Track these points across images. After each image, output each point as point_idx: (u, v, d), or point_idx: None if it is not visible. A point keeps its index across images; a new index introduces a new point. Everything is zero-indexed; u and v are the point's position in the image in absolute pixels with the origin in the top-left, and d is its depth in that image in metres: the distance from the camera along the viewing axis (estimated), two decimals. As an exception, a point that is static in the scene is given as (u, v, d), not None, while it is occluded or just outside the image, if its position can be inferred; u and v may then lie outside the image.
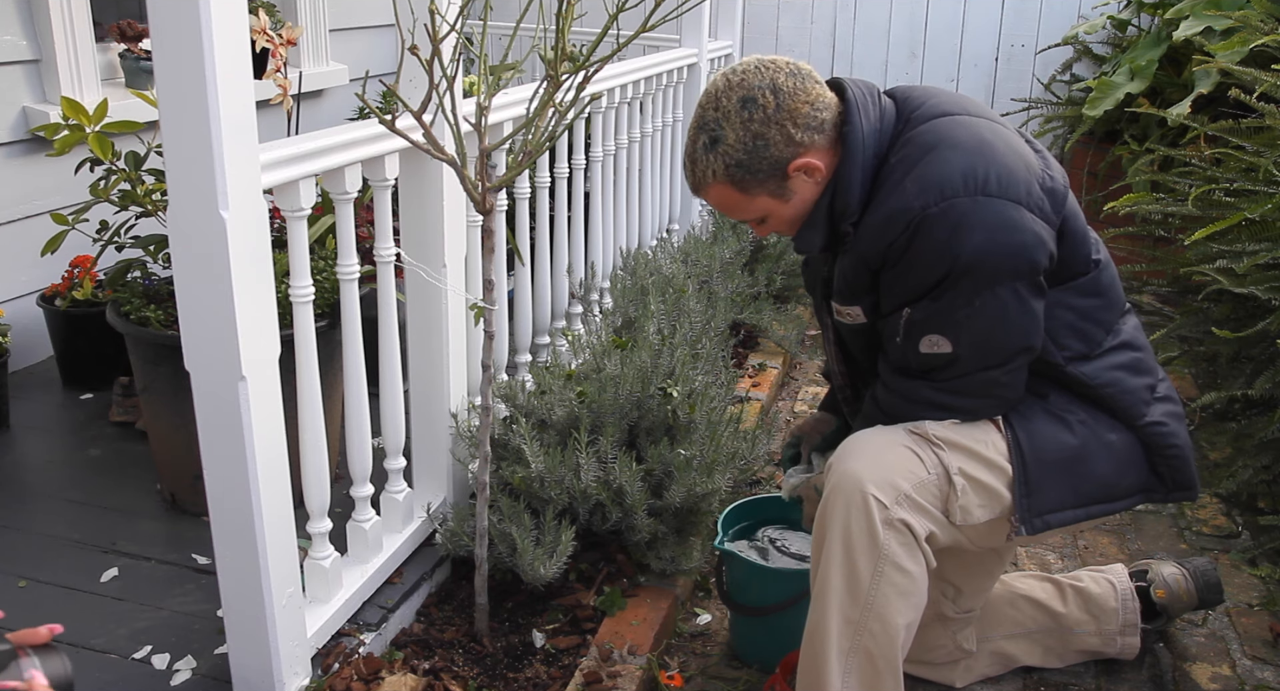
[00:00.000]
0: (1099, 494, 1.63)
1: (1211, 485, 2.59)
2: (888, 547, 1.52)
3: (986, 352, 1.53)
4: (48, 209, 2.47)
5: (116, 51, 3.39)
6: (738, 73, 1.55)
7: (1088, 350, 1.62)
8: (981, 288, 1.48)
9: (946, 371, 1.56)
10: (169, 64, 1.36)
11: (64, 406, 2.88)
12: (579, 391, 2.19)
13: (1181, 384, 3.19)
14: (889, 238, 1.51)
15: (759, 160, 1.54)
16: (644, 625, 1.99)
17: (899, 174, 1.52)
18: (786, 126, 1.53)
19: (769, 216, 1.63)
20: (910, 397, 1.60)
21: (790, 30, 5.17)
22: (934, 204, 1.47)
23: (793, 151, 1.54)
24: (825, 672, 1.57)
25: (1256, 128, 2.68)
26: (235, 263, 1.44)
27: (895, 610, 1.55)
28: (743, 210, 1.62)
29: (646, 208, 3.56)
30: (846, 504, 1.53)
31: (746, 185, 1.57)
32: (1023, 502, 1.58)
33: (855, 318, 1.64)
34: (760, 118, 1.52)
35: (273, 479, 1.59)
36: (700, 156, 1.58)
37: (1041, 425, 1.60)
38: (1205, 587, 2.00)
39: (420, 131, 1.64)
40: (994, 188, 1.48)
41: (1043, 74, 4.82)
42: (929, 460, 1.55)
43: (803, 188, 1.58)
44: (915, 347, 1.55)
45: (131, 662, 1.86)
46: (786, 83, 1.53)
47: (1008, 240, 1.47)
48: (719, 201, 1.62)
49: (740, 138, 1.53)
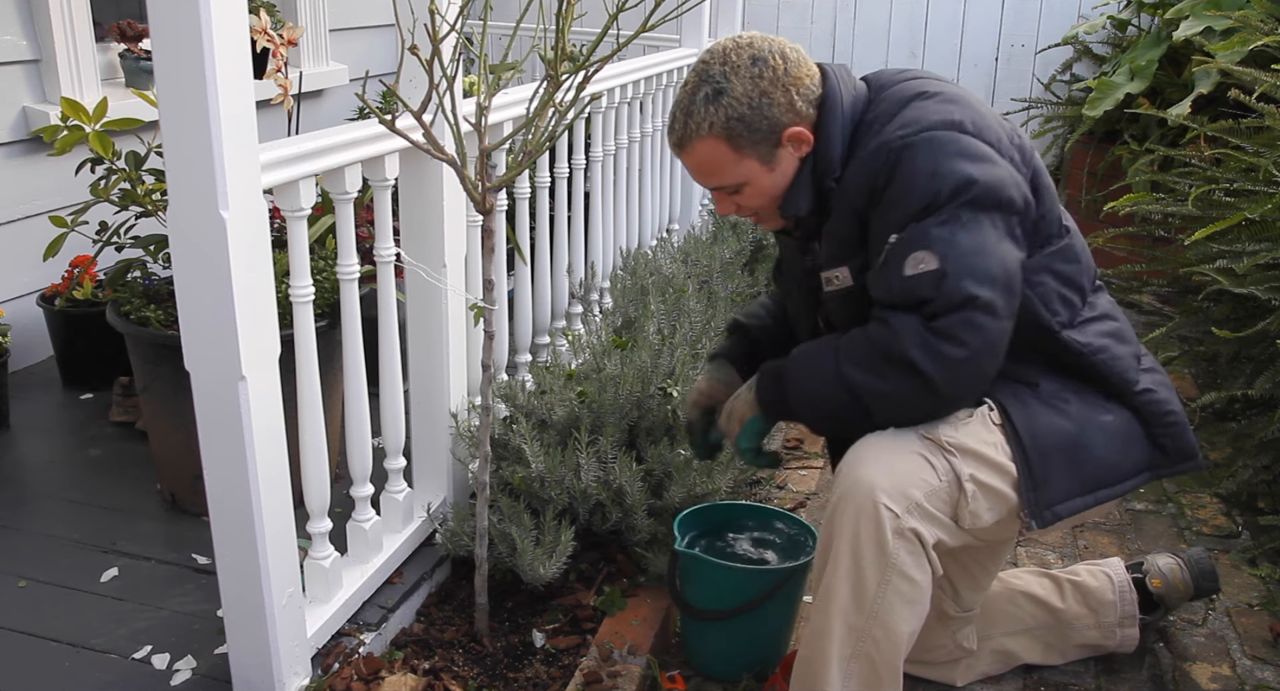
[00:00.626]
0: (1104, 477, 1.62)
1: (1211, 485, 2.59)
2: (896, 557, 1.52)
3: (972, 275, 1.46)
4: (48, 209, 2.47)
5: (116, 51, 3.39)
6: (744, 37, 1.58)
7: (1072, 317, 1.63)
8: (965, 209, 1.48)
9: (933, 303, 1.47)
10: (169, 64, 1.36)
11: (64, 406, 2.88)
12: (579, 391, 2.19)
13: (1181, 384, 3.19)
14: (871, 173, 1.52)
15: (760, 119, 1.55)
16: (644, 625, 1.99)
17: (877, 126, 1.56)
18: (791, 92, 1.55)
19: (747, 184, 1.61)
20: (899, 328, 1.49)
21: (790, 30, 5.17)
22: (913, 134, 1.50)
23: (791, 118, 1.56)
24: (825, 678, 1.57)
25: (1256, 128, 2.68)
26: (235, 263, 1.44)
27: (900, 618, 1.54)
28: (725, 172, 1.60)
29: (646, 207, 3.56)
30: (857, 512, 1.52)
31: (740, 143, 1.56)
32: (1029, 497, 1.57)
33: (843, 281, 1.61)
34: (770, 76, 1.54)
35: (273, 479, 1.59)
36: (699, 107, 1.55)
37: (1036, 413, 1.59)
38: (1200, 575, 2.01)
39: (420, 131, 1.64)
40: (970, 128, 1.53)
41: (1043, 74, 4.82)
42: (940, 466, 1.54)
43: (787, 161, 1.59)
44: (901, 271, 1.48)
45: (131, 662, 1.86)
46: (791, 53, 1.57)
47: (988, 172, 1.49)
48: (703, 158, 1.59)
49: (748, 91, 1.54)
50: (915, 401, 1.52)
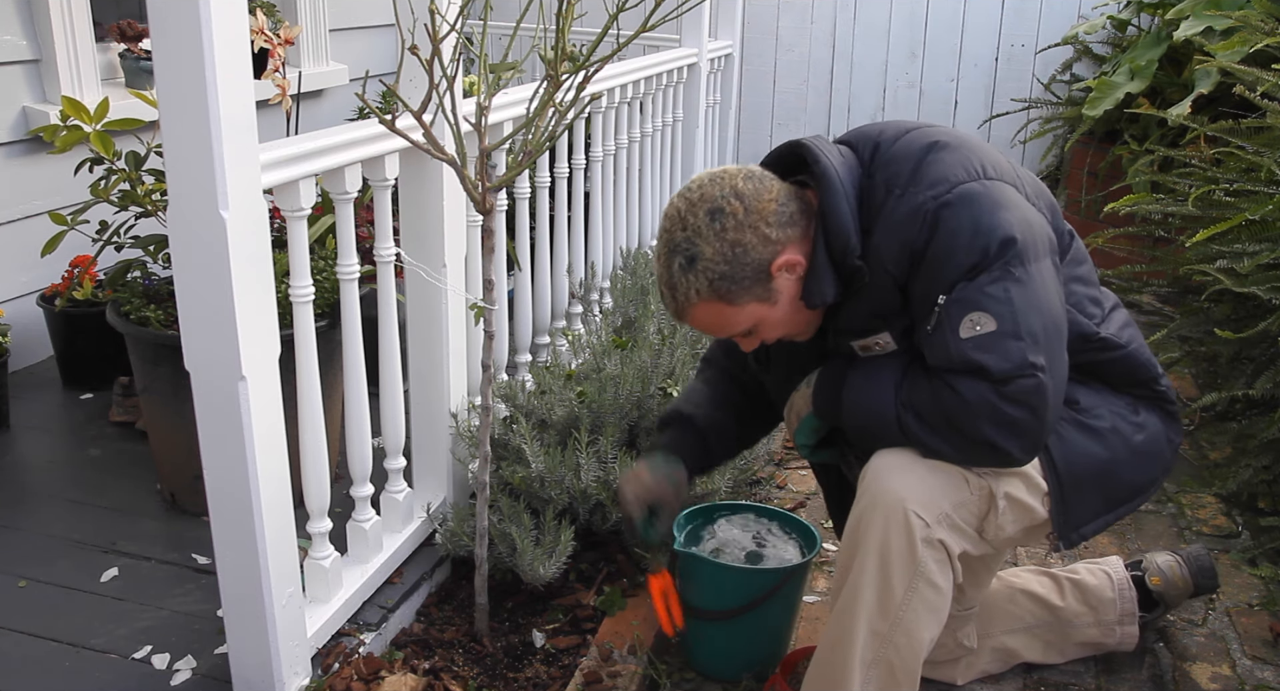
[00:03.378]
0: (1127, 496, 1.66)
1: (1211, 485, 2.59)
2: (925, 565, 1.52)
3: (1030, 334, 1.44)
4: (48, 209, 2.47)
5: (116, 51, 3.39)
6: (694, 189, 1.51)
7: (1102, 314, 1.64)
8: (1015, 264, 1.44)
9: (999, 369, 1.43)
10: (169, 64, 1.36)
11: (64, 406, 2.88)
12: (579, 391, 2.19)
13: (1182, 384, 3.19)
14: (907, 238, 1.47)
15: (742, 268, 1.48)
16: (644, 625, 1.98)
17: (897, 189, 1.49)
18: (760, 228, 1.48)
19: (759, 324, 1.57)
20: (969, 398, 1.45)
21: (790, 30, 5.17)
22: (945, 192, 1.46)
23: (772, 251, 1.49)
24: (846, 682, 1.58)
25: (1257, 127, 2.68)
26: (235, 263, 1.44)
27: (923, 625, 1.55)
28: (732, 324, 1.56)
29: (646, 207, 3.56)
30: (886, 519, 1.52)
31: (733, 296, 1.51)
32: (1059, 519, 1.59)
33: (885, 346, 1.57)
34: (733, 225, 1.47)
35: (273, 479, 1.59)
36: (679, 279, 1.50)
37: (1073, 441, 1.59)
38: (1199, 572, 2.02)
39: (420, 131, 1.64)
40: (992, 172, 1.50)
41: (1043, 74, 4.82)
42: (974, 482, 1.55)
43: (786, 286, 1.53)
44: (957, 334, 1.45)
45: (131, 662, 1.86)
46: (745, 186, 1.49)
47: (1025, 216, 1.47)
48: (706, 321, 1.56)
49: (718, 249, 1.47)
50: (980, 463, 1.54)
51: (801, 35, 5.16)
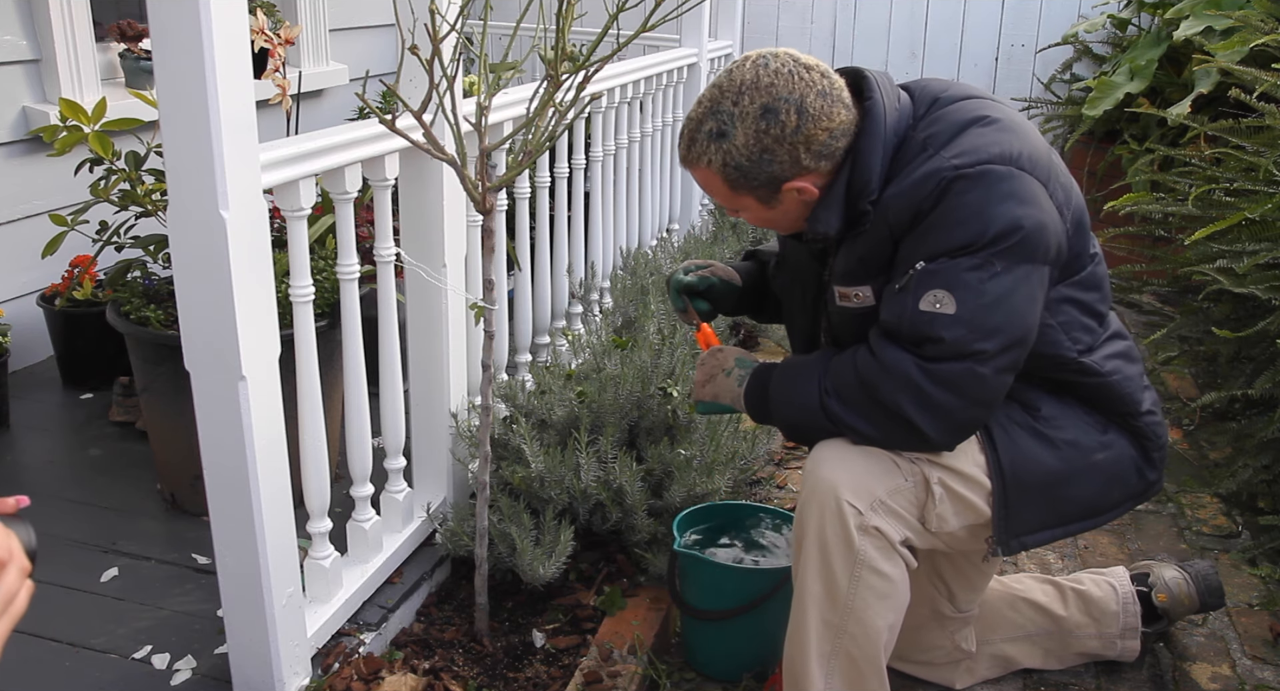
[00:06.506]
0: (1081, 513, 1.63)
1: (1211, 485, 2.59)
2: (863, 552, 1.51)
3: (985, 329, 1.44)
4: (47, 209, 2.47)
5: (116, 51, 3.39)
6: (770, 72, 1.46)
7: (1092, 342, 1.61)
8: (1002, 258, 1.43)
9: (936, 346, 1.45)
10: (169, 64, 1.36)
11: (64, 406, 2.88)
12: (579, 391, 2.19)
13: (1181, 384, 3.19)
14: (918, 197, 1.45)
15: (758, 171, 1.49)
16: (644, 625, 1.98)
17: (931, 149, 1.48)
18: (798, 150, 1.47)
19: (746, 210, 1.59)
20: (891, 368, 1.47)
21: (790, 30, 5.17)
22: (969, 166, 1.44)
23: (793, 172, 1.49)
24: (807, 677, 1.58)
25: (1256, 127, 2.68)
26: (235, 263, 1.44)
27: (875, 613, 1.54)
28: (723, 198, 1.58)
29: (646, 207, 3.56)
30: (821, 510, 1.52)
31: (737, 185, 1.52)
32: (1000, 524, 1.57)
33: (863, 300, 1.56)
34: (775, 134, 1.45)
35: (273, 479, 1.59)
36: (701, 139, 1.50)
37: (1023, 445, 1.57)
38: (1206, 591, 1.99)
39: (420, 131, 1.64)
40: (1026, 164, 1.46)
41: (1043, 73, 4.82)
42: (907, 468, 1.54)
43: (790, 201, 1.54)
44: (916, 303, 1.45)
45: (131, 662, 1.86)
46: (815, 104, 1.46)
47: (1037, 217, 1.44)
48: (702, 182, 1.57)
49: (748, 143, 1.47)
50: (901, 444, 1.53)
51: (801, 35, 5.16)
